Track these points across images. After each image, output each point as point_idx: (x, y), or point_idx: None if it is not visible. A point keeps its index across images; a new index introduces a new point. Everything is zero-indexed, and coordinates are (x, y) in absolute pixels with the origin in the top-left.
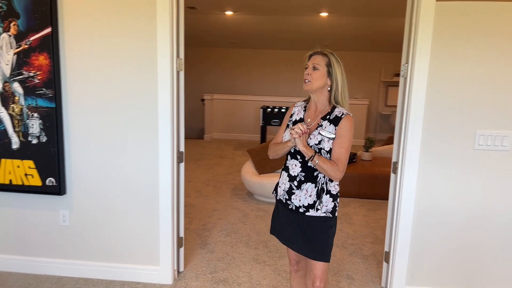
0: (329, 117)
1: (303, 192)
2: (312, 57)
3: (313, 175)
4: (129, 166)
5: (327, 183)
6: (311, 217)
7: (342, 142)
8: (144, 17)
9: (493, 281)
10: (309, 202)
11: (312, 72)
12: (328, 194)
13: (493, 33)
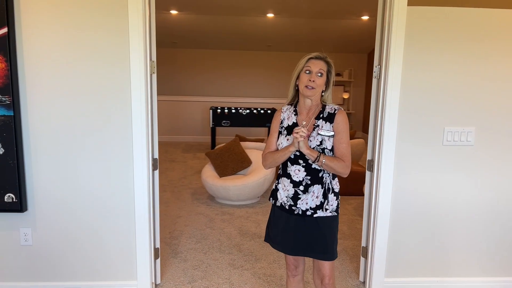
0: (322, 115)
1: (310, 194)
2: (315, 61)
3: (319, 177)
4: (100, 176)
5: (331, 182)
6: (319, 218)
7: (341, 137)
8: (114, 15)
9: (460, 266)
10: (317, 204)
11: (316, 79)
12: (332, 193)
13: (460, 36)
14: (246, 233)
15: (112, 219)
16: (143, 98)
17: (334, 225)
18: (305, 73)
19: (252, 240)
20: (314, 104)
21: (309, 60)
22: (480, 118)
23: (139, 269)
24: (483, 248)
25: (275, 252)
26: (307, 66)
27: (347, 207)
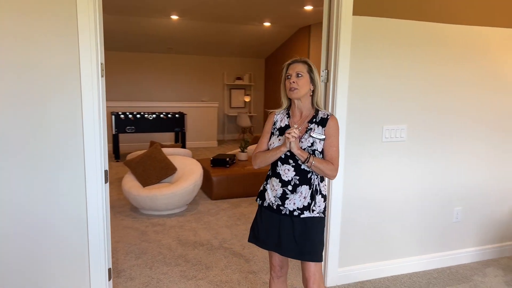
0: (315, 120)
1: (298, 195)
2: (291, 65)
3: (307, 178)
4: (41, 193)
5: (319, 184)
6: (306, 219)
7: (332, 141)
8: (62, 17)
9: (400, 249)
10: (304, 204)
11: (297, 80)
12: (320, 195)
13: (397, 44)
14: (187, 243)
15: (61, 244)
16: (95, 103)
17: (320, 226)
18: (287, 78)
19: (195, 249)
20: (306, 107)
21: (288, 67)
22: (411, 117)
23: None
24: (416, 230)
25: (223, 258)
26: (287, 73)
27: None
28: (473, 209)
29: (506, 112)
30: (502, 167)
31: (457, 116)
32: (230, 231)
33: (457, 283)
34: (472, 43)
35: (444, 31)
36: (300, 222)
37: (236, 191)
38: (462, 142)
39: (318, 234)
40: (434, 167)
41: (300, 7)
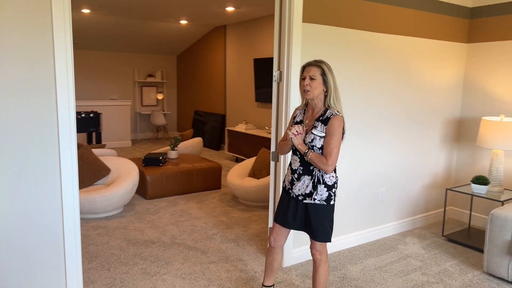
0: (322, 118)
1: (301, 183)
2: (307, 68)
3: (309, 169)
4: (16, 201)
5: (323, 175)
6: (308, 205)
7: (330, 139)
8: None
9: (343, 226)
10: (306, 192)
11: (310, 82)
12: (323, 185)
13: (340, 48)
14: (137, 242)
15: (35, 243)
16: (71, 99)
17: (321, 212)
18: (302, 79)
19: (148, 247)
20: (318, 106)
21: (304, 69)
22: (347, 112)
23: None
24: (353, 211)
25: (179, 253)
26: (303, 74)
27: (212, 201)
28: (393, 189)
29: (423, 109)
30: (414, 154)
31: (383, 112)
32: (177, 228)
33: (387, 252)
34: (396, 50)
35: (373, 38)
36: (303, 206)
37: (171, 189)
38: (388, 134)
39: (318, 219)
40: (364, 156)
41: (222, 7)
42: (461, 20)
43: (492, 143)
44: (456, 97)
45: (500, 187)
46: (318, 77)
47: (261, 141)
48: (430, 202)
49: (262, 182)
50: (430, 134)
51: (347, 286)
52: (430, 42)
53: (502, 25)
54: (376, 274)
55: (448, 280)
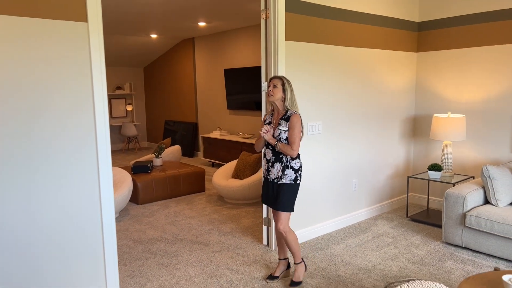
0: (284, 117)
1: (275, 169)
2: (272, 80)
3: (279, 157)
4: (63, 199)
5: (289, 161)
6: (280, 184)
7: (292, 131)
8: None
9: (319, 215)
10: (279, 175)
11: (273, 89)
12: (290, 169)
13: (316, 61)
14: (142, 241)
15: (78, 246)
16: (106, 117)
17: (290, 189)
18: (268, 87)
19: (154, 244)
20: (279, 109)
21: (270, 80)
22: (323, 115)
23: (109, 285)
24: (331, 199)
25: (184, 247)
26: (269, 84)
27: (200, 202)
28: (363, 180)
29: (384, 110)
30: (378, 148)
31: (351, 113)
32: (175, 227)
33: (362, 233)
34: (359, 60)
35: (341, 51)
36: (277, 186)
37: (161, 194)
38: (357, 132)
39: (287, 194)
40: (339, 150)
41: (194, 22)
42: (411, 33)
43: (442, 136)
44: (410, 99)
45: (451, 172)
46: (279, 86)
47: (236, 145)
48: (394, 190)
49: (246, 182)
50: (391, 131)
51: (335, 261)
52: (386, 53)
53: (445, 36)
54: (357, 250)
55: (415, 250)
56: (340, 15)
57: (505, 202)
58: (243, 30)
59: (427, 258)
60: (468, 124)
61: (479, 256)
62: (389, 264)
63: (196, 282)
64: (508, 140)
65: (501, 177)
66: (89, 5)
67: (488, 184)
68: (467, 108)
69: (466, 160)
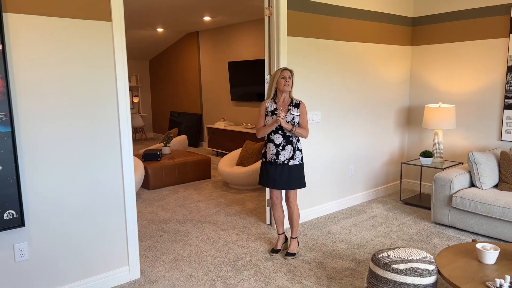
0: (292, 104)
1: (286, 151)
2: (284, 71)
3: (290, 141)
4: (91, 176)
5: (296, 143)
6: (292, 165)
7: (304, 117)
8: (98, 31)
9: (320, 196)
10: (289, 157)
11: (289, 80)
12: (298, 151)
13: (316, 55)
14: (155, 221)
15: (105, 215)
16: (128, 108)
17: (299, 168)
18: (281, 78)
19: (166, 224)
20: (287, 97)
21: (282, 71)
22: (323, 105)
23: (130, 256)
24: (329, 183)
25: (194, 226)
26: (282, 74)
27: (207, 188)
28: (359, 166)
29: (380, 101)
30: (374, 137)
31: (349, 104)
32: (185, 209)
33: (358, 214)
34: (357, 54)
35: (339, 45)
36: (288, 167)
37: (170, 180)
38: (354, 121)
39: (298, 173)
40: (337, 139)
41: (200, 17)
42: (406, 28)
43: (434, 125)
44: (404, 90)
45: (441, 158)
46: (291, 77)
47: (240, 135)
48: (389, 176)
49: (250, 169)
50: (386, 120)
51: (332, 238)
52: (382, 47)
53: (438, 31)
54: (353, 229)
55: (406, 229)
56: (339, 12)
57: (488, 185)
58: (246, 24)
59: (416, 236)
60: (458, 114)
61: (463, 233)
62: (381, 241)
63: (207, 255)
64: (495, 129)
65: (486, 162)
66: (113, 6)
67: (474, 168)
68: (457, 99)
69: (456, 147)
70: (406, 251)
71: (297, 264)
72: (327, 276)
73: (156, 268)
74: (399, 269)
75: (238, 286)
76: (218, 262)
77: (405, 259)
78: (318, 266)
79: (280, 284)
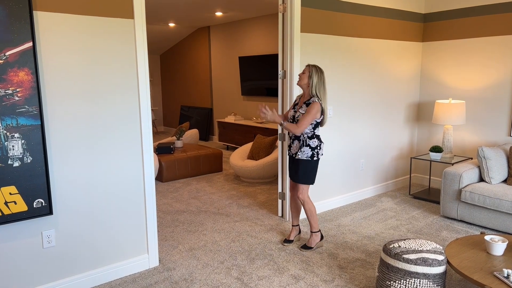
0: (306, 102)
1: (294, 145)
2: (304, 68)
3: (297, 136)
4: (114, 167)
5: (306, 140)
6: (297, 159)
7: (304, 114)
8: (120, 24)
9: (329, 190)
10: (296, 151)
11: (301, 75)
12: (307, 147)
13: (329, 52)
14: (170, 212)
15: (127, 204)
16: (148, 100)
17: (306, 164)
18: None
19: (181, 215)
20: (306, 94)
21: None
22: (335, 101)
23: (149, 244)
24: (340, 177)
25: (208, 217)
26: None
27: (219, 181)
28: (370, 160)
29: (390, 96)
30: (384, 131)
31: (361, 99)
32: (198, 201)
33: (368, 208)
34: (369, 50)
35: (351, 42)
36: (295, 160)
37: (183, 173)
38: (365, 116)
39: (303, 169)
40: (348, 133)
41: (211, 12)
42: (417, 24)
43: (444, 120)
44: (415, 86)
45: (451, 153)
46: (306, 72)
47: (250, 129)
48: (398, 170)
49: (261, 163)
50: (396, 116)
51: (343, 230)
52: (394, 43)
53: (449, 27)
54: (363, 222)
55: (415, 222)
56: (351, 8)
57: (497, 180)
58: (257, 19)
59: (426, 229)
60: (468, 109)
61: (472, 227)
62: (391, 233)
63: (221, 245)
64: (505, 124)
65: (495, 157)
66: (135, 4)
67: (483, 163)
68: (467, 94)
69: (465, 142)
70: (416, 242)
71: (309, 255)
72: (338, 266)
73: (174, 256)
74: (410, 258)
75: (253, 274)
76: (233, 251)
77: (416, 249)
78: (329, 256)
79: (293, 273)
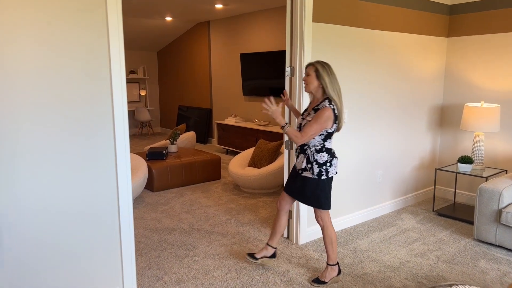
0: (315, 107)
1: (299, 159)
2: (306, 68)
3: (303, 149)
4: (79, 184)
5: (314, 154)
6: (303, 177)
7: (311, 122)
8: None
9: (344, 206)
10: (302, 167)
11: (306, 78)
12: (314, 162)
13: (344, 44)
14: (158, 230)
15: (97, 235)
16: (125, 98)
17: (313, 184)
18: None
19: (170, 234)
20: (316, 97)
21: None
22: (350, 104)
23: (125, 277)
24: (355, 191)
25: (201, 237)
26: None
27: (216, 191)
28: (388, 171)
29: (410, 98)
30: (403, 139)
31: (379, 101)
32: (192, 216)
33: (387, 227)
34: (387, 44)
35: (369, 35)
36: (301, 177)
37: (176, 181)
38: (382, 121)
39: (310, 189)
40: (364, 141)
41: (211, 5)
42: (442, 16)
43: (475, 126)
44: (438, 87)
45: (482, 165)
46: (312, 73)
47: (252, 133)
48: (419, 182)
49: (264, 171)
50: (417, 121)
51: (360, 257)
52: (415, 37)
53: (478, 20)
54: (383, 246)
55: (445, 247)
56: None
57: None
58: (261, 13)
59: (459, 256)
60: (502, 115)
61: None
62: (418, 262)
63: (215, 276)
64: None
65: None
66: None
67: None
68: (500, 97)
69: (498, 152)
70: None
71: None
72: None
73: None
74: None
75: None
76: (229, 285)
77: None
78: None
79: None
